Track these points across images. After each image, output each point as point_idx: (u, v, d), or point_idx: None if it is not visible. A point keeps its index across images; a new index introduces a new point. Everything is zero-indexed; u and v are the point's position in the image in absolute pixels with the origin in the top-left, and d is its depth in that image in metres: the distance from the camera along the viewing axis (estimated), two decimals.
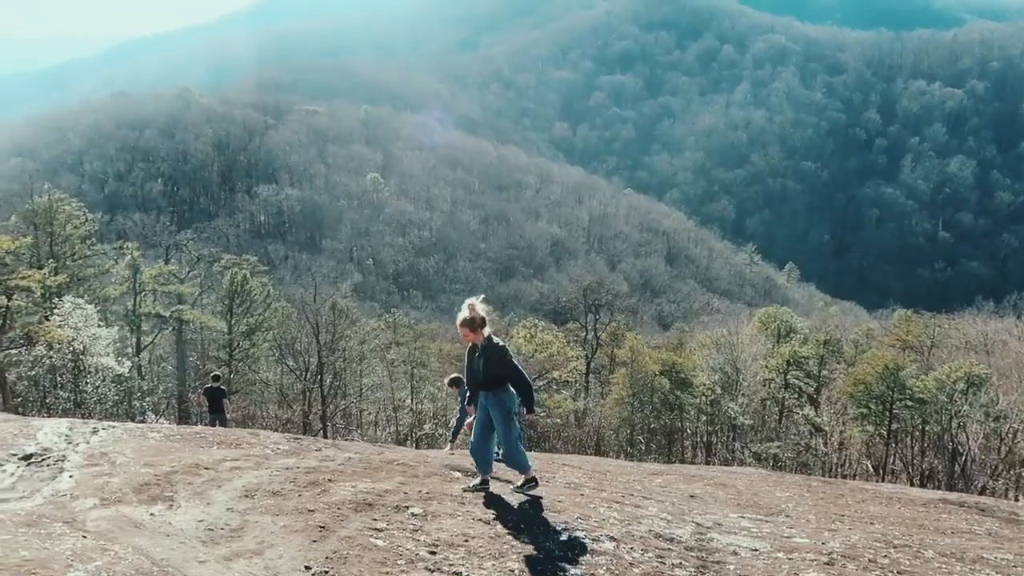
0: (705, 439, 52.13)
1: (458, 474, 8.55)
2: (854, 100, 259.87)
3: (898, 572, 6.23)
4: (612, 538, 6.52)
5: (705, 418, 50.74)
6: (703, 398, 48.42)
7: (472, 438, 7.85)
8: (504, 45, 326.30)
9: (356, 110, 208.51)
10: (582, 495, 8.42)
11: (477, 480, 7.85)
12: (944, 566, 6.63)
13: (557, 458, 14.37)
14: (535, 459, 10.21)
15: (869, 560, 6.52)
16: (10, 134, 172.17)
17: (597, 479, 10.13)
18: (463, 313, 7.41)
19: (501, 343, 7.57)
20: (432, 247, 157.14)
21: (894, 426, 45.63)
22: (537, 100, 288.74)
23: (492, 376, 7.47)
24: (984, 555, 7.21)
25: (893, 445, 47.45)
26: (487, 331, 7.47)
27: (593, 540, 6.42)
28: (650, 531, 6.91)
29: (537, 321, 61.95)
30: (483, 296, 7.75)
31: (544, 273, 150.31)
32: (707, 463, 45.26)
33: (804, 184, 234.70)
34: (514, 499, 7.56)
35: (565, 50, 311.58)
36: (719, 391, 48.71)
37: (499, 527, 6.60)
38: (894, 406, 43.98)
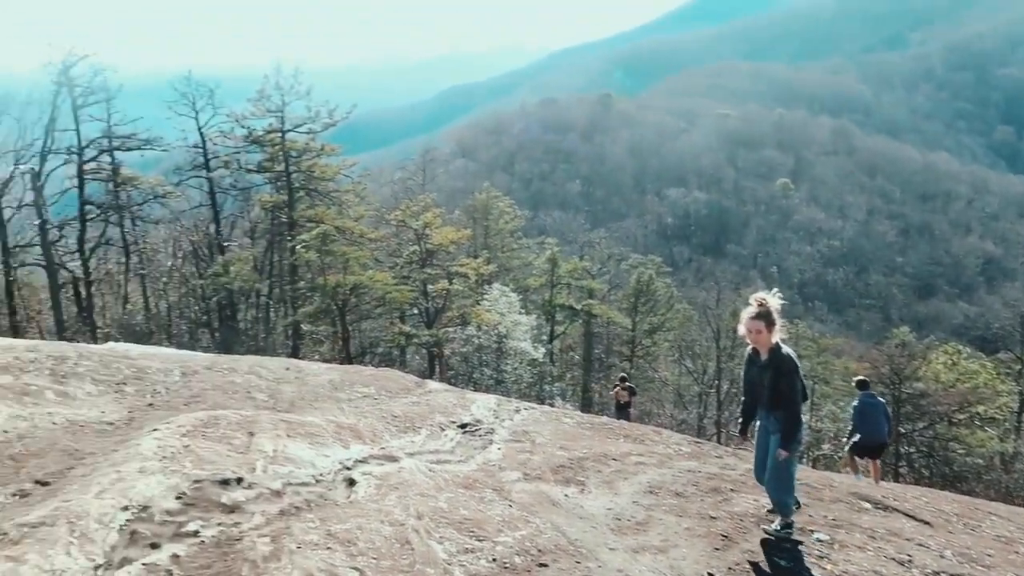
0: None
1: (868, 505, 8.01)
2: None
3: None
4: None
5: None
6: None
7: (755, 470, 6.67)
8: (939, 41, 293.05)
9: (769, 114, 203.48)
10: (1017, 552, 7.39)
11: (778, 522, 6.48)
12: None
13: (980, 504, 12.74)
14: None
15: None
16: (457, 138, 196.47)
17: None
18: (751, 307, 6.30)
19: (792, 354, 6.33)
20: (842, 258, 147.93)
21: None
22: (976, 101, 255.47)
23: (781, 392, 6.21)
24: None
25: None
26: (776, 336, 6.30)
27: None
28: None
29: (960, 347, 55.38)
30: (776, 291, 6.51)
31: (972, 294, 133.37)
32: None
33: None
34: (933, 542, 6.88)
35: (1015, 44, 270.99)
36: None
37: (914, 571, 6.07)
38: None
